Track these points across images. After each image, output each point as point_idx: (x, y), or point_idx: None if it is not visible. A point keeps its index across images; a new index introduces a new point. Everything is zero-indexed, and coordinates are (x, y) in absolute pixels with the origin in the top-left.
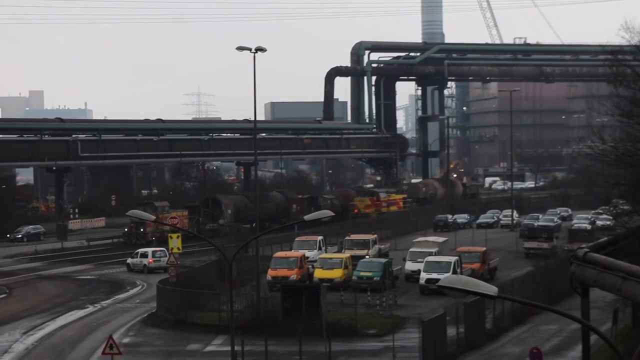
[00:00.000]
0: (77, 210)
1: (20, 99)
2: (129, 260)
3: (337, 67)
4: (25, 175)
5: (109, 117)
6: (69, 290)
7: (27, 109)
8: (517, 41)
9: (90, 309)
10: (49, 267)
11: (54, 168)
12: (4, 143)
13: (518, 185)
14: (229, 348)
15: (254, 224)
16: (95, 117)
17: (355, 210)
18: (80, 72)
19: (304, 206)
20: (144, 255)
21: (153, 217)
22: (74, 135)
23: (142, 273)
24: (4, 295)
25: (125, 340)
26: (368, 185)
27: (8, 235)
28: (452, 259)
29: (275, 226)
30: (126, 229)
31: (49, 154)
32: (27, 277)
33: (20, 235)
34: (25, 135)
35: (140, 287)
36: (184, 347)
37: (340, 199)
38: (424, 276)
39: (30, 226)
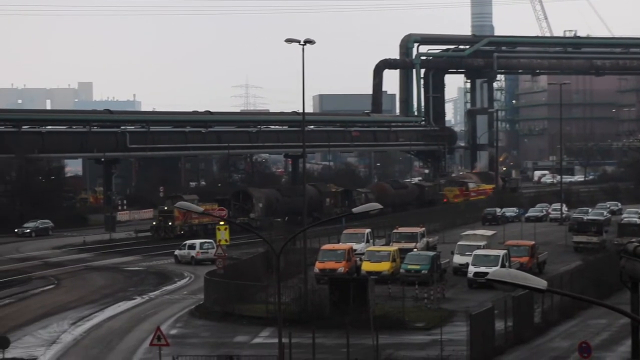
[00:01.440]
0: (125, 202)
1: (69, 90)
2: (177, 252)
3: (386, 60)
4: (74, 167)
5: (158, 109)
6: (117, 281)
7: (76, 100)
8: (567, 34)
9: (138, 300)
10: (98, 258)
11: (103, 159)
12: (53, 134)
13: (567, 178)
14: (276, 340)
15: (286, 218)
16: (144, 108)
17: (445, 200)
18: (129, 64)
19: (337, 200)
20: (192, 247)
21: (201, 209)
22: (122, 127)
23: (189, 265)
24: (52, 286)
25: (173, 331)
26: (416, 179)
27: (16, 230)
28: (501, 252)
29: (326, 218)
30: (154, 222)
31: (97, 146)
32: (76, 268)
33: (28, 230)
34: (74, 127)
35: (187, 278)
36: (231, 339)
37: (375, 193)
38: (472, 269)
39: (39, 221)
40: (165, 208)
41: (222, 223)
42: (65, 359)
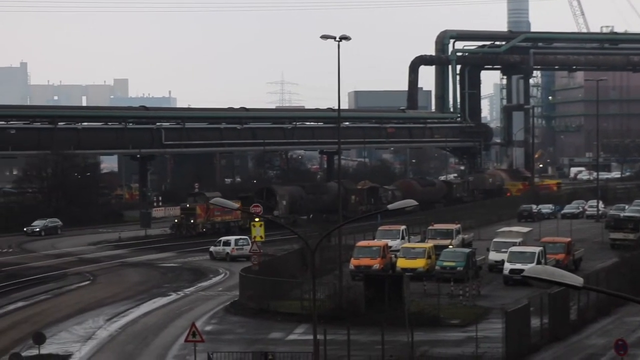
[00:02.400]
0: (160, 198)
1: (105, 87)
2: (212, 249)
3: (421, 56)
4: (109, 163)
5: (193, 105)
6: (152, 277)
7: (111, 97)
8: (604, 30)
9: (174, 296)
10: (133, 255)
11: (138, 156)
12: (89, 131)
13: (604, 175)
14: (311, 337)
15: (310, 215)
16: (179, 105)
17: (508, 194)
18: (164, 61)
19: (363, 197)
20: (227, 243)
21: (236, 206)
22: (158, 123)
23: (224, 261)
24: (88, 282)
25: (208, 327)
26: (452, 175)
27: (25, 229)
28: (537, 249)
29: (358, 215)
30: (176, 220)
31: (133, 142)
32: (111, 265)
33: (38, 229)
34: (110, 123)
35: (223, 275)
36: (266, 336)
37: (402, 190)
38: (507, 266)
39: (47, 219)
40: (187, 206)
41: (257, 220)
42: (100, 355)
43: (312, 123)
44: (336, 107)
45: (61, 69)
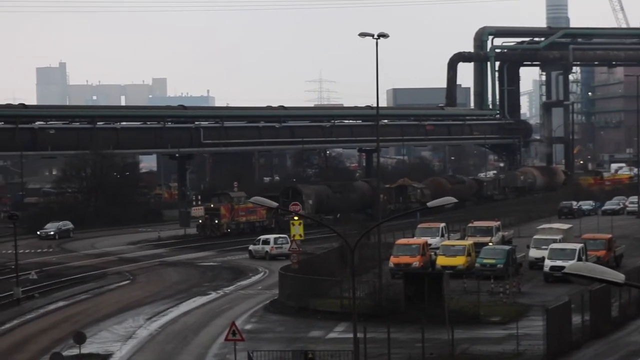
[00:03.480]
0: (199, 197)
1: (143, 86)
2: (251, 247)
3: (460, 53)
4: (148, 162)
5: (231, 104)
6: (191, 276)
7: (150, 96)
8: None
9: (213, 295)
10: (172, 254)
11: (177, 155)
12: (128, 130)
13: None
14: (351, 335)
15: (337, 215)
16: (218, 104)
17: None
18: (202, 60)
19: (391, 196)
20: (266, 242)
21: (275, 204)
22: (196, 122)
23: (264, 260)
24: (127, 282)
25: (248, 326)
26: (492, 172)
27: (38, 232)
28: (577, 246)
29: (397, 214)
30: (200, 221)
31: (172, 141)
32: (151, 264)
33: (52, 232)
34: (148, 123)
35: (262, 273)
36: (306, 334)
37: (431, 188)
38: (548, 263)
39: (60, 222)
40: (212, 206)
41: (296, 218)
42: (140, 354)
43: (350, 121)
44: (374, 105)
45: (100, 68)
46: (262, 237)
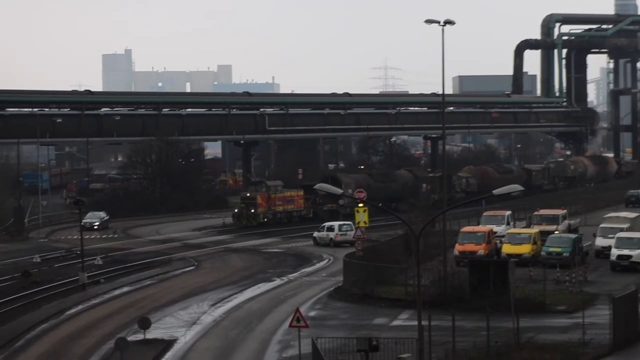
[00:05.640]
0: None
1: (208, 73)
2: (316, 234)
3: (526, 40)
4: (213, 149)
5: (296, 91)
6: (256, 263)
7: (215, 83)
8: None
9: (277, 282)
10: (237, 240)
11: (242, 142)
12: (193, 117)
13: None
14: (415, 323)
15: (379, 204)
16: (282, 91)
17: None
18: (268, 47)
19: (435, 185)
20: (331, 228)
21: (340, 191)
22: (261, 109)
23: (328, 247)
24: (192, 268)
25: (312, 313)
26: (558, 159)
27: (82, 223)
28: None
29: (461, 202)
30: (236, 210)
31: (236, 128)
32: (216, 250)
33: (97, 225)
34: (213, 109)
35: (326, 260)
36: (370, 321)
37: (477, 178)
38: (615, 252)
39: (101, 212)
40: (248, 195)
41: (360, 205)
42: (205, 339)
43: (415, 108)
44: (440, 92)
45: (165, 55)
46: (327, 223)
